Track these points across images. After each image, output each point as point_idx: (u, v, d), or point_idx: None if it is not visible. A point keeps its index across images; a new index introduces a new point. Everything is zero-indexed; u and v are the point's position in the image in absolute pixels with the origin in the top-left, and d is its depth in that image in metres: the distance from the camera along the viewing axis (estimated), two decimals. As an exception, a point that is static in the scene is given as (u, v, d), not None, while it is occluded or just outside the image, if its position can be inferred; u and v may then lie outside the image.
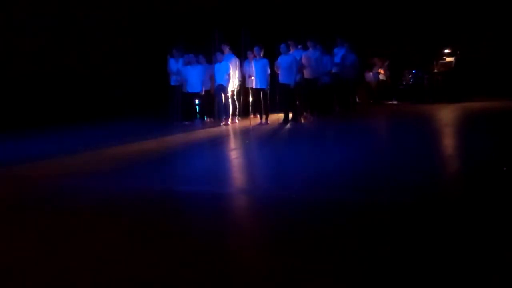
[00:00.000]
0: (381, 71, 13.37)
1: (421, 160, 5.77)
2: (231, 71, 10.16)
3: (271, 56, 10.11)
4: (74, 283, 2.88)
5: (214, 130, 9.76)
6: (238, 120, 10.77)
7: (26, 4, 11.29)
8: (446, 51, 12.62)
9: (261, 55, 10.06)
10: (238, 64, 10.51)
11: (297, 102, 10.21)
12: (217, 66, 10.21)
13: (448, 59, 12.48)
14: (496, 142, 6.51)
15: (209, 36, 10.90)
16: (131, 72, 13.64)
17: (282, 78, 9.80)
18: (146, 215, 4.16)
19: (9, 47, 11.15)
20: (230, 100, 10.36)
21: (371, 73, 13.35)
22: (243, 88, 10.71)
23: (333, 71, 11.05)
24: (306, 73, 10.22)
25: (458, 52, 12.41)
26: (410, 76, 12.75)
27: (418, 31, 12.88)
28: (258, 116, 10.37)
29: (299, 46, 10.46)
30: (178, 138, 9.06)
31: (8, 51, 11.12)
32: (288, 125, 9.66)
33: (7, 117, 10.46)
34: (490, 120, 8.86)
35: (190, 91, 10.63)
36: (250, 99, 10.58)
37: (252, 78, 10.17)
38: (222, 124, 10.19)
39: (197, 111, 11.00)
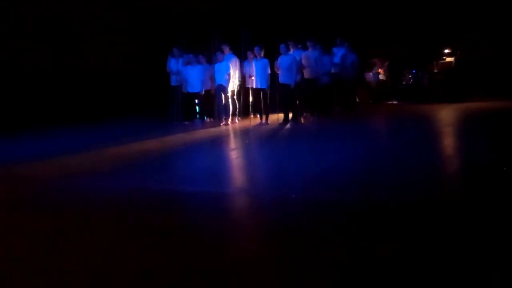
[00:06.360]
0: (381, 71, 13.38)
1: (421, 160, 5.77)
2: (231, 71, 10.16)
3: (271, 56, 10.11)
4: (74, 283, 2.88)
5: (214, 130, 9.75)
6: (238, 120, 10.77)
7: (26, 4, 11.29)
8: (446, 51, 12.62)
9: (262, 55, 10.06)
10: (238, 64, 10.50)
11: (297, 102, 10.21)
12: (217, 66, 10.20)
13: (448, 59, 12.48)
14: (496, 142, 6.51)
15: (209, 36, 10.89)
16: (131, 72, 13.62)
17: (282, 78, 9.80)
18: (146, 215, 4.16)
19: (10, 48, 11.15)
20: (230, 100, 10.35)
21: (371, 73, 13.35)
22: (243, 88, 10.71)
23: (333, 71, 11.04)
24: (306, 73, 10.21)
25: (458, 52, 12.42)
26: (410, 76, 12.75)
27: (418, 31, 12.88)
28: (258, 116, 10.37)
29: (299, 46, 10.45)
30: (178, 138, 9.05)
31: (9, 52, 11.11)
32: (288, 125, 9.66)
33: (7, 117, 10.44)
34: (490, 120, 8.86)
35: (190, 91, 10.63)
36: (250, 99, 10.58)
37: (252, 78, 10.17)
38: (222, 124, 10.18)
39: (197, 111, 10.99)
